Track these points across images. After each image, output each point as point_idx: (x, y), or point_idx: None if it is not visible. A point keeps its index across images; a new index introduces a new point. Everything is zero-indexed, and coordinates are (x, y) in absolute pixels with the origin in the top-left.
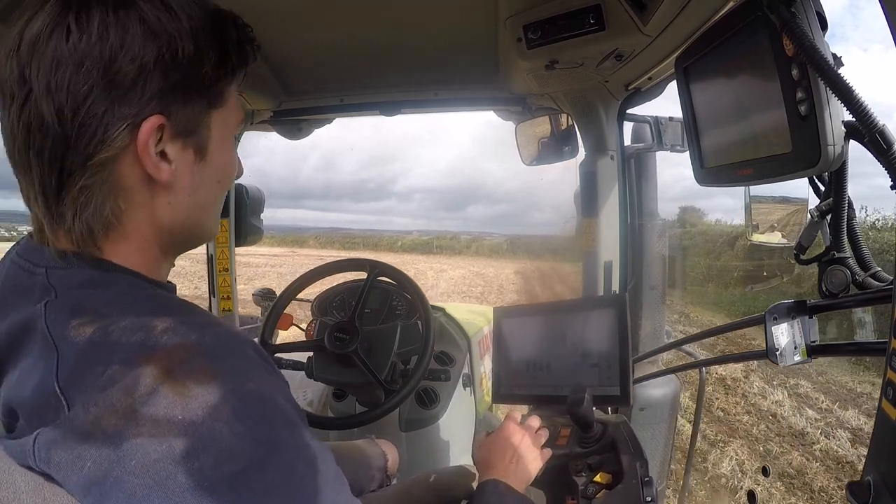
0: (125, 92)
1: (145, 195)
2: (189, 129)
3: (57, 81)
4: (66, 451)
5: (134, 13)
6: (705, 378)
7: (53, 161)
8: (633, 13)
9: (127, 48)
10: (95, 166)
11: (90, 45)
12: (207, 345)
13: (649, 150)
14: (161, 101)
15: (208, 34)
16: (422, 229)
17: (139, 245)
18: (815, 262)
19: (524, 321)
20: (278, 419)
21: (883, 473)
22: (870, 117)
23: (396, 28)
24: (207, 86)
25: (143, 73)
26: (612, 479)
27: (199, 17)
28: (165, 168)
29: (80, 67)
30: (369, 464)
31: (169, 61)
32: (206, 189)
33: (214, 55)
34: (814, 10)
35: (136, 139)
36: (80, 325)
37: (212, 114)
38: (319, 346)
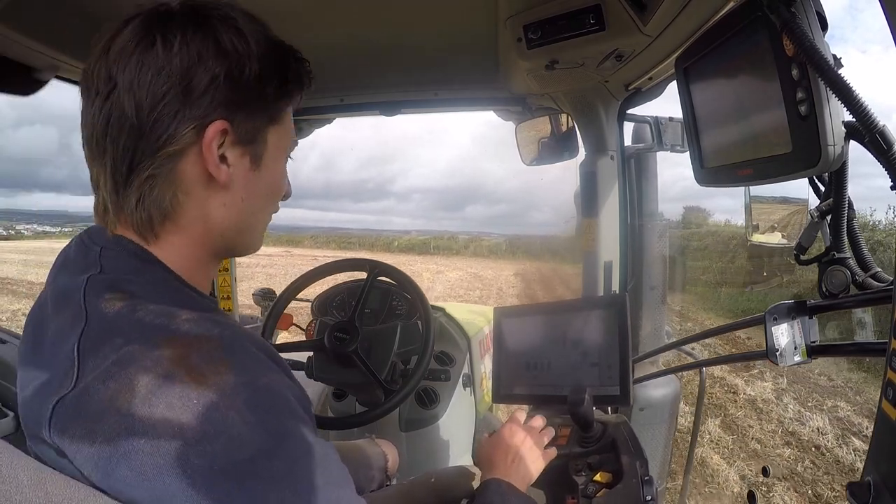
0: (197, 97)
1: (203, 192)
2: (249, 138)
3: (139, 81)
4: (81, 425)
5: (211, 34)
6: (705, 378)
7: (126, 149)
8: (633, 13)
9: (202, 62)
10: (162, 157)
11: (171, 56)
12: (226, 338)
13: (649, 150)
14: (227, 109)
15: (271, 60)
16: (420, 229)
17: (188, 240)
18: (815, 263)
19: (524, 321)
20: (288, 413)
21: (883, 473)
22: (870, 117)
23: (396, 28)
24: (268, 103)
25: (214, 84)
26: (612, 479)
27: (264, 45)
28: (224, 169)
29: (160, 72)
30: (369, 464)
31: (237, 77)
32: (257, 198)
33: (276, 78)
34: (814, 10)
35: (202, 139)
36: (112, 299)
37: (270, 129)
38: (319, 345)
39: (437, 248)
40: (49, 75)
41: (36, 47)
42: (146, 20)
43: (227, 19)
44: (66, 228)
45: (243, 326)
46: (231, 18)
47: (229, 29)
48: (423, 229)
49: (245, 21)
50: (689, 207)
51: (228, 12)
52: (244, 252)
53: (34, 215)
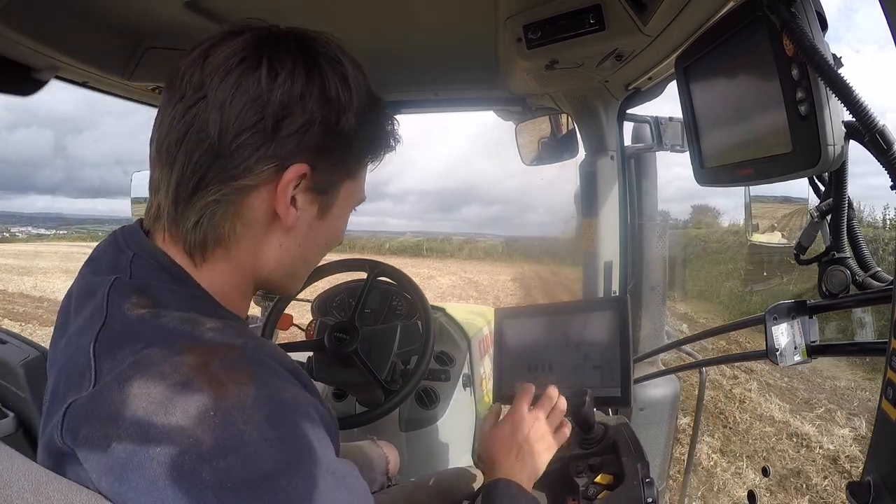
0: (285, 136)
1: (263, 229)
2: (323, 187)
3: (233, 101)
4: (94, 428)
5: (318, 76)
6: (706, 378)
7: (199, 166)
8: (633, 13)
9: (302, 102)
10: (233, 188)
11: (273, 86)
12: (250, 350)
13: (649, 151)
14: (311, 155)
15: (368, 117)
16: (416, 230)
17: (235, 269)
18: (815, 262)
19: (525, 322)
20: (309, 431)
21: (883, 473)
22: (870, 117)
23: (396, 28)
24: (352, 158)
25: (307, 127)
26: (613, 480)
27: (365, 99)
28: (292, 213)
29: (256, 100)
30: (371, 465)
31: (331, 126)
32: (314, 245)
33: (367, 135)
34: (814, 10)
35: (280, 178)
36: (136, 303)
37: (345, 182)
38: (319, 346)
39: (430, 251)
40: (49, 75)
41: (36, 47)
42: (257, 40)
43: (335, 63)
44: (61, 231)
45: (269, 341)
46: (339, 63)
47: (336, 74)
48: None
49: (352, 68)
50: (698, 207)
51: (337, 54)
52: (284, 293)
53: (29, 218)
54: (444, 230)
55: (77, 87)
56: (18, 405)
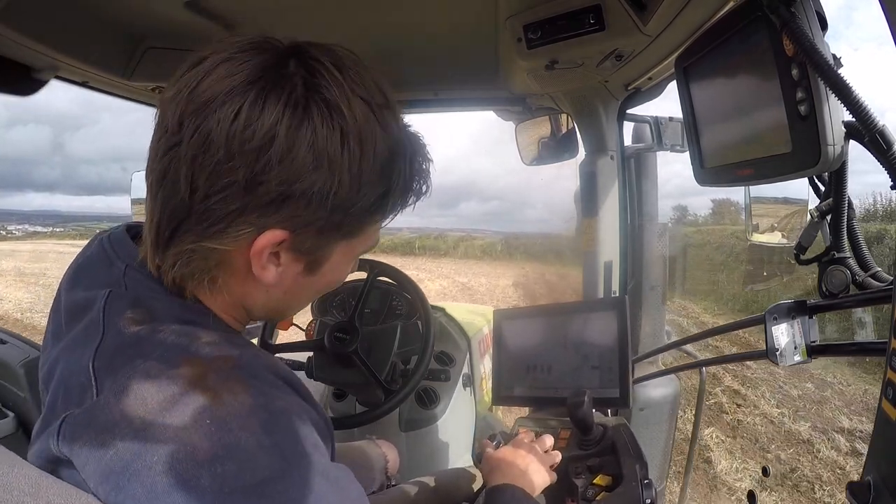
0: (261, 204)
1: (245, 279)
2: (309, 250)
3: (203, 160)
4: (91, 437)
5: (306, 131)
6: (706, 378)
7: (174, 216)
8: (633, 13)
9: (283, 167)
10: (207, 247)
11: (250, 143)
12: (246, 361)
13: (649, 150)
14: (292, 224)
15: (376, 176)
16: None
17: (225, 301)
18: (815, 262)
19: (524, 323)
20: (304, 438)
21: (883, 473)
22: (870, 117)
23: (396, 28)
24: (348, 223)
25: (286, 198)
26: (612, 482)
27: (373, 156)
28: (272, 270)
29: (229, 160)
30: (371, 465)
31: (317, 197)
32: (303, 295)
33: (371, 198)
34: (814, 10)
35: (253, 244)
36: (132, 318)
37: (339, 243)
38: (319, 346)
39: (423, 249)
40: (49, 75)
41: (36, 47)
42: (255, 73)
43: (335, 112)
44: (58, 228)
45: (264, 351)
46: (339, 113)
47: (333, 128)
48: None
49: (361, 116)
50: (719, 201)
51: (341, 101)
52: (281, 320)
53: (26, 215)
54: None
55: (77, 87)
56: (18, 405)
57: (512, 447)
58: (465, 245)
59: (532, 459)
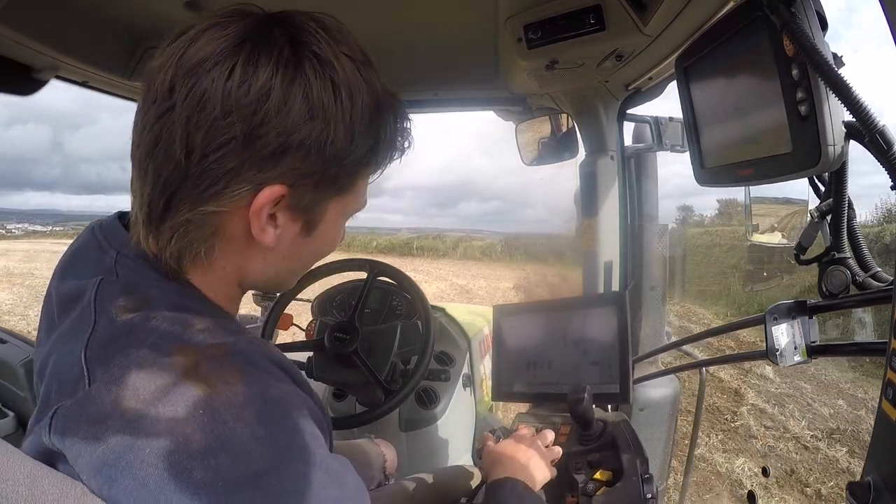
0: (260, 158)
1: (243, 246)
2: (307, 206)
3: (199, 119)
4: (83, 429)
5: (300, 84)
6: (706, 378)
7: (168, 185)
8: (633, 13)
9: (280, 119)
10: (205, 212)
11: (246, 98)
12: (240, 348)
13: (649, 151)
14: (290, 177)
15: (365, 127)
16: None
17: (219, 279)
18: (815, 263)
19: (524, 319)
20: (300, 428)
21: (883, 473)
22: (870, 117)
23: (396, 28)
24: (344, 174)
25: (285, 149)
26: (612, 477)
27: (362, 108)
28: (271, 232)
29: (226, 116)
30: (369, 463)
31: (315, 147)
32: (301, 259)
33: (362, 150)
34: (814, 10)
35: (252, 201)
36: (124, 307)
37: (334, 198)
38: (319, 346)
39: (421, 249)
40: (49, 75)
41: (36, 47)
42: (241, 35)
43: (326, 66)
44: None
45: (260, 337)
46: (330, 66)
47: (325, 81)
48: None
49: (351, 70)
50: (724, 201)
51: (331, 55)
52: (278, 291)
53: (25, 214)
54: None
55: (77, 87)
56: (18, 405)
57: (513, 441)
58: (464, 246)
59: (533, 454)
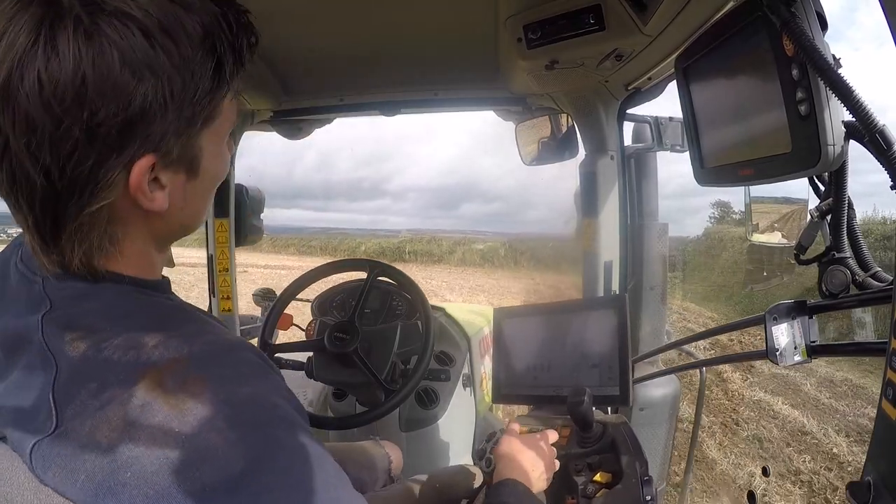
0: (112, 143)
1: (141, 218)
2: (181, 155)
3: (37, 141)
4: (59, 465)
5: (109, 50)
6: (706, 379)
7: (45, 207)
8: (633, 13)
9: (108, 99)
10: (91, 213)
11: (65, 96)
12: (198, 355)
13: (649, 150)
14: (150, 142)
15: (200, 54)
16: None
17: (135, 256)
18: (815, 263)
19: (524, 321)
20: (273, 421)
21: (883, 473)
22: (870, 117)
23: (396, 28)
24: (199, 110)
25: (129, 123)
26: (612, 479)
27: (187, 37)
28: (160, 196)
29: (59, 125)
30: (374, 464)
31: (157, 105)
32: (197, 199)
33: (207, 76)
34: (814, 10)
35: (129, 181)
36: (74, 340)
37: (203, 132)
38: (319, 346)
39: (414, 254)
40: None
41: None
42: (36, 18)
43: (125, 15)
44: None
45: (217, 329)
46: (127, 14)
47: (132, 31)
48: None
49: (154, 3)
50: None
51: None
52: (190, 233)
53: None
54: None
55: None
56: None
57: (540, 439)
58: (462, 250)
59: (550, 455)
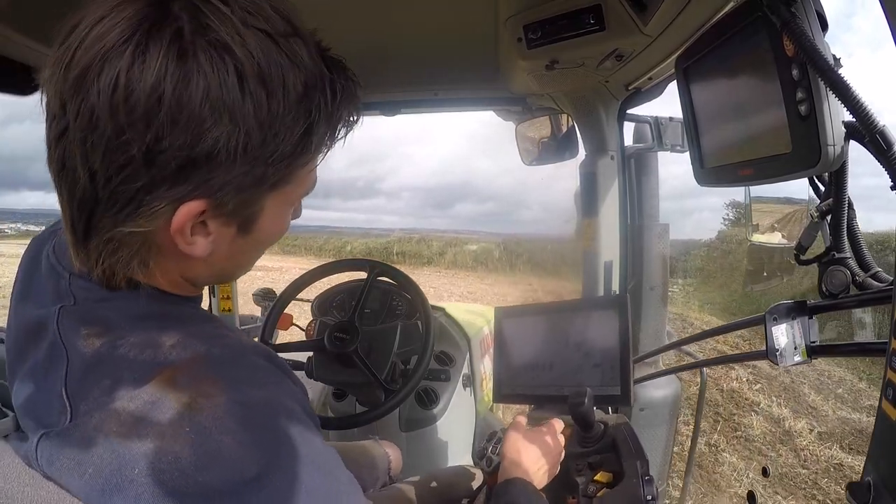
0: (167, 175)
1: (177, 255)
2: (236, 211)
3: (93, 140)
4: (68, 457)
5: (197, 81)
6: (706, 378)
7: (83, 206)
8: (633, 13)
9: (178, 129)
10: (125, 232)
11: (136, 110)
12: (215, 356)
13: (650, 151)
14: (207, 189)
15: (291, 113)
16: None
17: (165, 281)
18: (815, 263)
19: (525, 321)
20: (286, 425)
21: (883, 473)
22: (870, 117)
23: (397, 28)
24: (273, 172)
25: (192, 162)
26: (613, 479)
27: (283, 93)
28: (201, 243)
29: (119, 135)
30: (374, 464)
31: (226, 153)
32: (245, 255)
33: (291, 139)
34: (814, 10)
35: (172, 219)
36: (89, 336)
37: (268, 196)
38: (319, 346)
39: (402, 255)
40: None
41: (36, 47)
42: (133, 25)
43: (225, 52)
44: None
45: (236, 333)
46: (230, 49)
47: (227, 70)
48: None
49: (261, 47)
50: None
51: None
52: (228, 282)
53: (21, 214)
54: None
55: None
56: None
57: (547, 433)
58: (453, 251)
59: (559, 452)
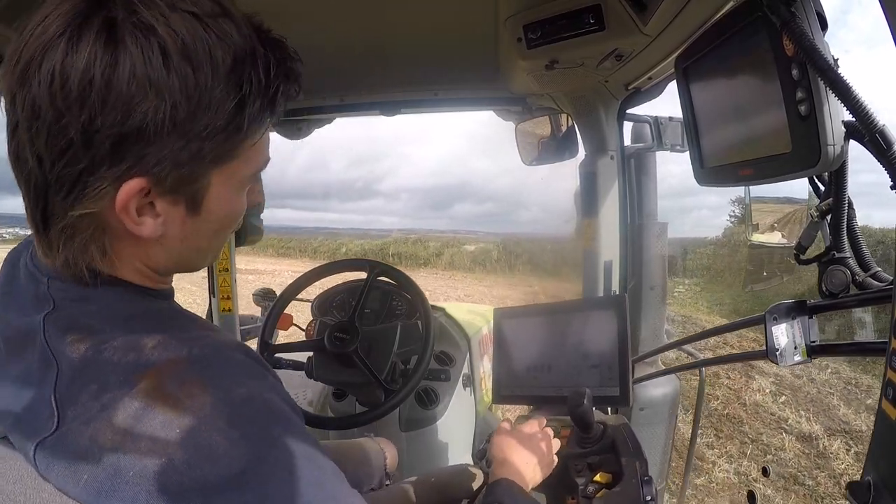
0: (105, 154)
1: (132, 239)
2: (179, 188)
3: (36, 127)
4: (63, 465)
5: (123, 61)
6: (705, 378)
7: (37, 195)
8: (633, 13)
9: (109, 108)
10: (76, 216)
11: (71, 95)
12: (196, 356)
13: (649, 150)
14: (144, 165)
15: (220, 89)
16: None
17: (133, 270)
18: (815, 262)
19: (525, 322)
20: (271, 419)
21: (883, 473)
22: (870, 117)
23: (396, 28)
24: (209, 147)
25: (124, 139)
26: (612, 479)
27: (210, 68)
28: (150, 223)
29: (59, 120)
30: (369, 461)
31: (155, 128)
32: (200, 238)
33: (224, 113)
34: (814, 10)
35: (116, 199)
36: (75, 342)
37: (213, 171)
38: (319, 346)
39: (398, 257)
40: None
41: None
42: (70, 16)
43: (150, 30)
44: None
45: (215, 332)
46: (153, 30)
47: (152, 48)
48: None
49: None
50: None
51: (156, 13)
52: (193, 271)
53: (20, 218)
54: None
55: None
56: None
57: (526, 429)
58: (451, 252)
59: (546, 446)
